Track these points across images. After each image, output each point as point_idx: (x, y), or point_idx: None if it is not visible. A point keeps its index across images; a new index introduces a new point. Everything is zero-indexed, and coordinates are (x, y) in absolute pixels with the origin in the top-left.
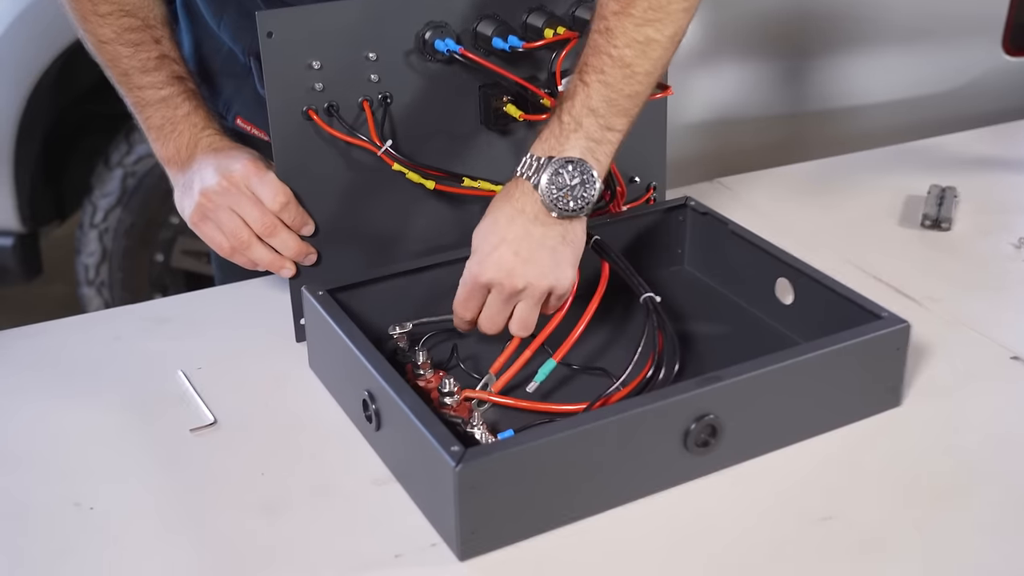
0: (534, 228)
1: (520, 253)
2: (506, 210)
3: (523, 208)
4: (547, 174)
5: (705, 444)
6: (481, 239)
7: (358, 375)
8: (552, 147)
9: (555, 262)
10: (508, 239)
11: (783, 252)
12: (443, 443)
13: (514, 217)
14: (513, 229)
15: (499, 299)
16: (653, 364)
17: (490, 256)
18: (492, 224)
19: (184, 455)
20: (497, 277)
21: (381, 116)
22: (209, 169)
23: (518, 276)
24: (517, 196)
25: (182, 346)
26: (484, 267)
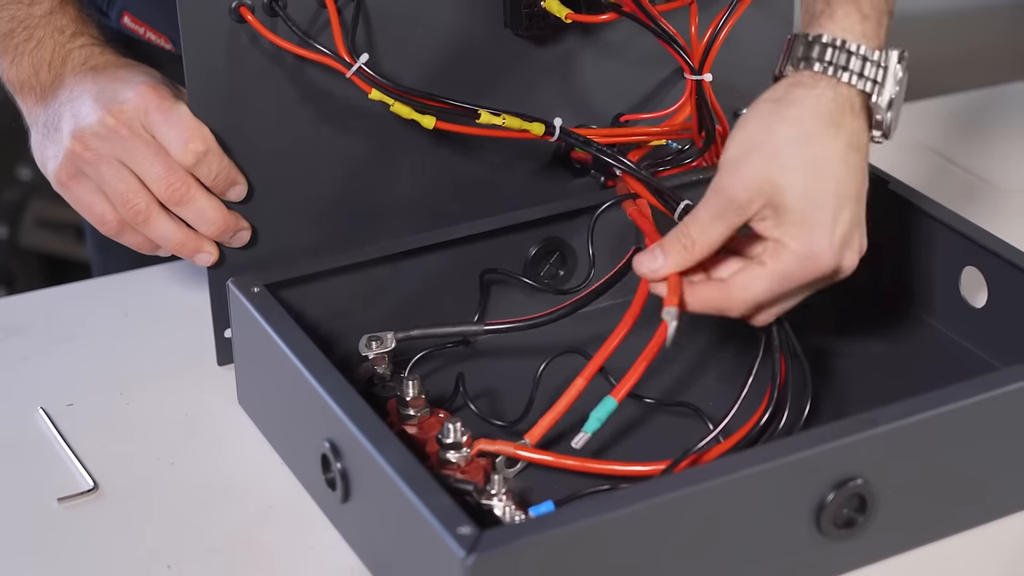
0: (864, 168)
1: (862, 216)
2: (837, 147)
3: (856, 140)
4: (890, 80)
5: (850, 524)
6: (804, 202)
7: (315, 417)
8: (877, 28)
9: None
10: (853, 199)
11: (975, 227)
12: (446, 522)
13: (849, 158)
14: (857, 181)
15: (819, 288)
16: (770, 402)
17: (834, 232)
18: (818, 173)
19: (48, 537)
20: (844, 262)
21: (352, 16)
22: (86, 99)
23: (860, 249)
24: (847, 119)
25: (41, 371)
26: (831, 251)
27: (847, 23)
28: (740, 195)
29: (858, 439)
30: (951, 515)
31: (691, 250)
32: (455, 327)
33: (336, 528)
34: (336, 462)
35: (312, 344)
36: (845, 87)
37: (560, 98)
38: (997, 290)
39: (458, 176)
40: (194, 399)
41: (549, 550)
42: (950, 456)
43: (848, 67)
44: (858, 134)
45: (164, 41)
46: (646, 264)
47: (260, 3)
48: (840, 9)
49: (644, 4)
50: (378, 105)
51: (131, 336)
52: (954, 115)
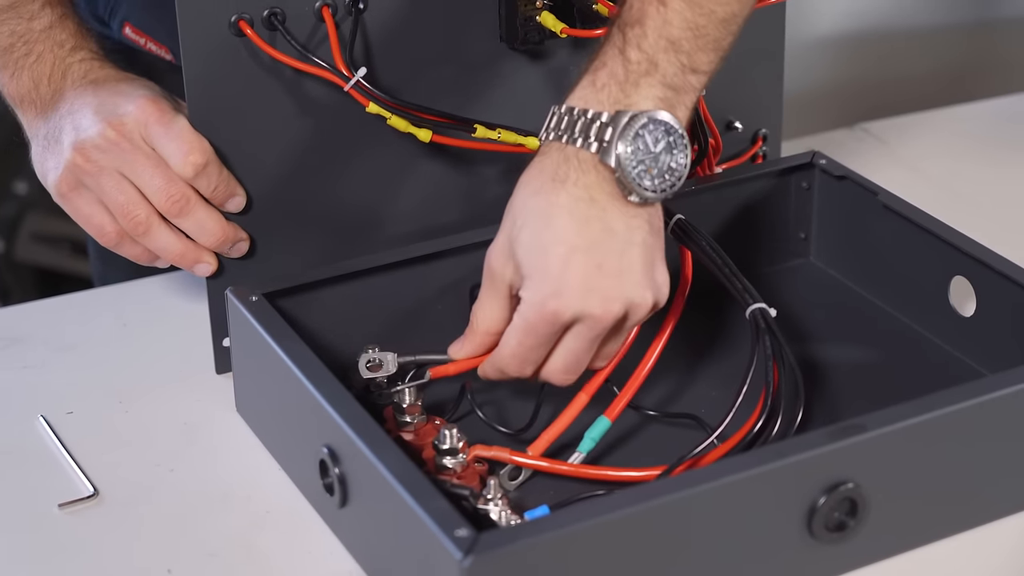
0: (613, 221)
1: (606, 264)
2: (561, 199)
3: (588, 193)
4: (618, 139)
5: (841, 527)
6: (533, 254)
7: (313, 423)
8: (615, 96)
9: (650, 263)
10: (581, 245)
11: (963, 237)
12: (444, 525)
13: (578, 210)
14: (584, 229)
15: (588, 338)
16: (764, 408)
17: (563, 277)
18: (549, 227)
19: (48, 543)
20: (586, 307)
21: (350, 31)
22: (86, 112)
23: (615, 297)
24: (572, 175)
25: (42, 380)
26: (563, 298)
27: (581, 93)
28: (493, 262)
29: (849, 444)
30: (941, 519)
31: (472, 330)
32: None
33: (334, 533)
34: (334, 467)
35: (310, 352)
36: (572, 148)
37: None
38: (985, 299)
39: (454, 188)
40: (192, 407)
41: (545, 552)
42: (939, 461)
43: (574, 131)
44: (589, 188)
45: (165, 52)
46: (452, 351)
47: (259, 17)
48: (579, 83)
49: None
50: (375, 118)
51: (130, 345)
52: (944, 129)
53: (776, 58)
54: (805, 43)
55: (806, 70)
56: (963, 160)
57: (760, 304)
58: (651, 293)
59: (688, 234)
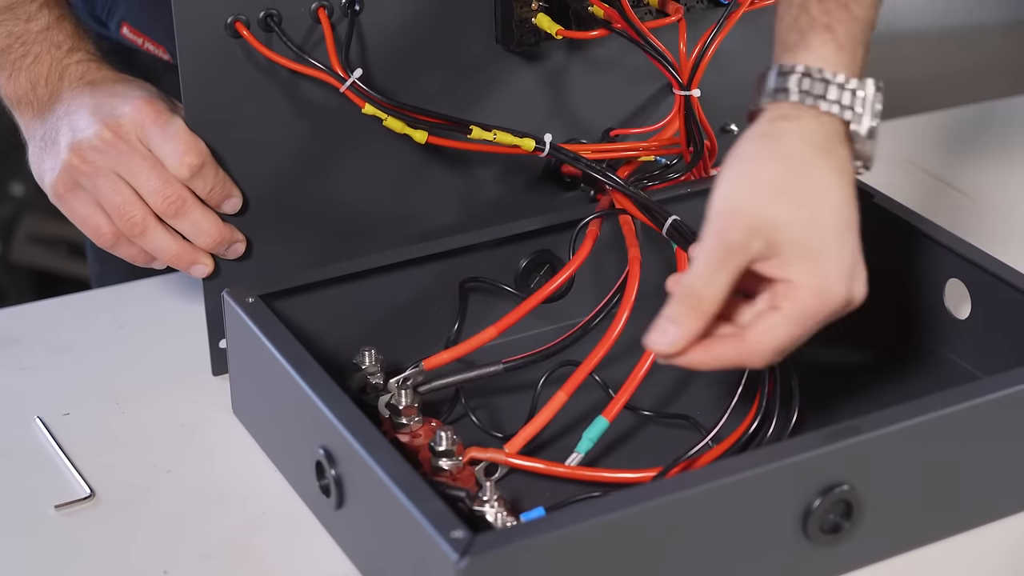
0: (853, 194)
1: (860, 245)
2: (835, 177)
3: (844, 166)
4: (867, 108)
5: (836, 529)
6: (809, 233)
7: (309, 425)
8: (854, 58)
9: None
10: (854, 227)
11: (959, 240)
12: (440, 526)
13: (841, 183)
14: (853, 210)
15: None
16: (758, 410)
17: (843, 260)
18: (828, 206)
19: (45, 544)
20: (854, 292)
21: (346, 32)
22: (83, 113)
23: (865, 278)
24: (834, 146)
25: (38, 381)
26: (843, 282)
27: (823, 52)
28: (739, 237)
29: (844, 446)
30: (935, 521)
31: (701, 308)
32: (475, 371)
33: (330, 534)
34: (330, 469)
35: (306, 353)
36: (827, 117)
37: (550, 113)
38: (980, 302)
39: (450, 190)
40: (189, 408)
41: (541, 554)
42: (934, 463)
43: (826, 96)
44: (845, 160)
45: (162, 52)
46: (661, 341)
47: (255, 18)
48: (816, 39)
49: (634, 21)
50: (371, 120)
51: (127, 347)
52: (938, 131)
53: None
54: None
55: None
56: (959, 163)
57: None
58: None
59: (684, 236)
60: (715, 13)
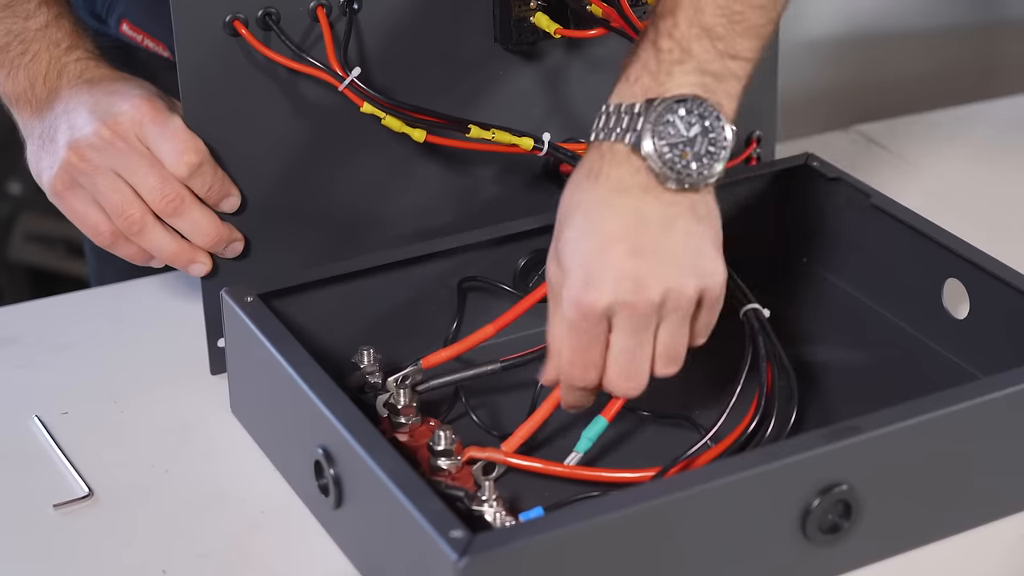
0: (648, 208)
1: (641, 250)
2: (597, 194)
3: (621, 184)
4: (648, 126)
5: (835, 529)
6: (572, 251)
7: (308, 424)
8: (647, 86)
9: (694, 250)
10: (615, 235)
11: (957, 240)
12: (439, 526)
13: (611, 200)
14: (617, 218)
15: (631, 330)
16: (757, 410)
17: (596, 268)
18: (583, 221)
19: (43, 543)
20: (620, 295)
21: (344, 31)
22: (82, 111)
23: (651, 283)
24: (605, 170)
25: (36, 380)
26: (595, 287)
27: (616, 91)
28: (549, 275)
29: (843, 446)
30: (934, 521)
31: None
32: (473, 370)
33: (329, 534)
34: (329, 468)
35: (305, 352)
36: (606, 143)
37: (549, 112)
38: (978, 302)
39: (448, 189)
40: (188, 407)
41: (540, 554)
42: (933, 463)
43: (608, 126)
44: (621, 180)
45: (162, 49)
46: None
47: (254, 17)
48: (616, 84)
49: (632, 19)
50: (370, 118)
51: (125, 345)
52: (936, 131)
53: (770, 60)
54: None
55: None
56: (957, 162)
57: (754, 305)
58: (693, 280)
59: None
60: None
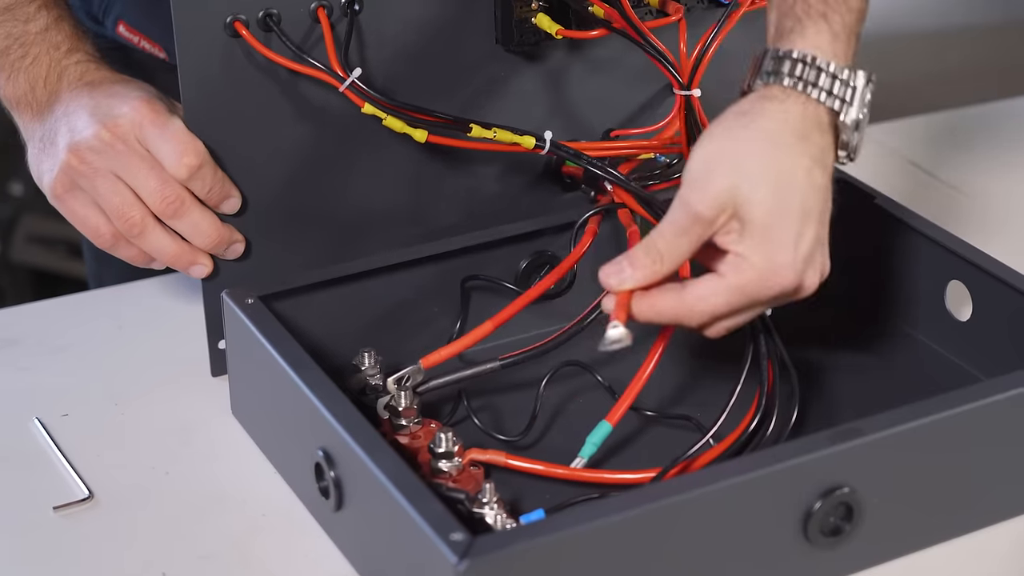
0: (828, 186)
1: (824, 235)
2: (804, 161)
3: (823, 155)
4: (863, 100)
5: (837, 532)
6: (771, 216)
7: (308, 426)
8: (848, 48)
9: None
10: (815, 215)
11: (960, 242)
12: (439, 529)
13: (814, 173)
14: (820, 199)
15: (777, 304)
16: (758, 411)
17: (798, 248)
18: (787, 188)
19: (43, 546)
20: (807, 281)
21: (345, 32)
22: (82, 114)
23: (822, 269)
24: (815, 134)
25: (37, 382)
26: (794, 269)
27: (818, 40)
28: (706, 211)
29: (845, 448)
30: (937, 524)
31: (659, 264)
32: (473, 369)
33: (329, 536)
34: (329, 471)
35: (306, 354)
36: (814, 104)
37: (550, 113)
38: (981, 304)
39: (450, 189)
40: (188, 409)
41: (540, 557)
42: (935, 466)
43: (818, 84)
44: (824, 152)
45: (158, 50)
46: (612, 276)
47: (255, 18)
48: (811, 27)
49: (634, 20)
50: (371, 119)
51: (126, 347)
52: (939, 132)
53: None
54: None
55: None
56: (961, 163)
57: None
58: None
59: None
60: (715, 13)
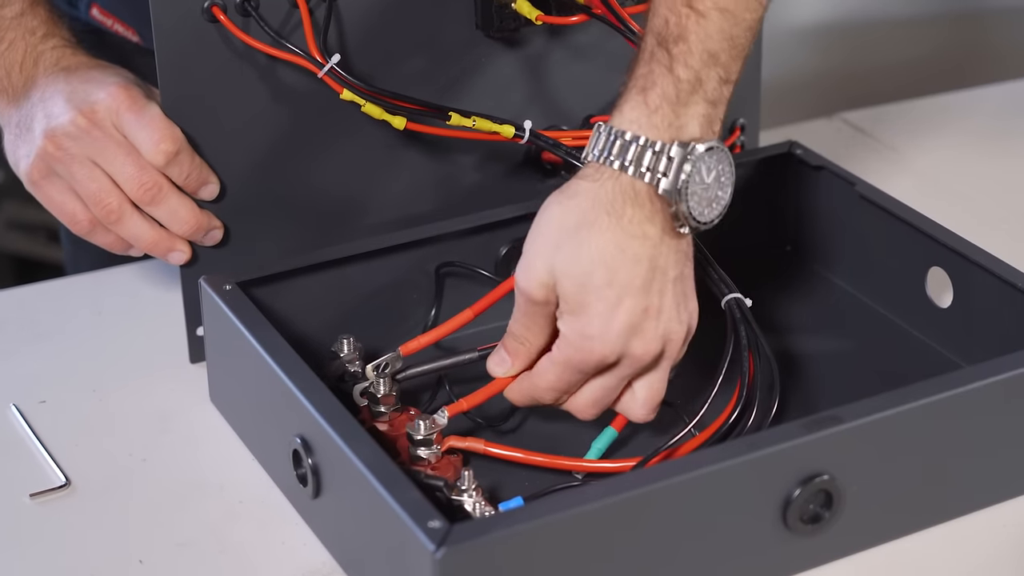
0: (662, 257)
1: (650, 305)
2: (616, 236)
3: (642, 229)
4: (682, 170)
5: (816, 519)
6: (583, 292)
7: (286, 413)
8: (668, 119)
9: (683, 294)
10: (632, 288)
11: (940, 228)
12: (417, 516)
13: (630, 247)
14: (637, 271)
15: (621, 376)
16: (739, 399)
17: (612, 321)
18: (597, 264)
19: (19, 533)
20: (629, 349)
21: (324, 17)
22: (58, 100)
23: (654, 337)
24: (629, 210)
25: (14, 368)
26: (608, 341)
27: (633, 115)
28: (534, 292)
29: (824, 436)
30: (916, 511)
31: (526, 345)
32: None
33: (307, 524)
34: (307, 458)
35: (283, 341)
36: (627, 178)
37: (531, 99)
38: (962, 290)
39: (429, 176)
40: (166, 396)
41: (519, 544)
42: (915, 453)
43: (627, 158)
44: (642, 224)
45: (132, 34)
46: (498, 367)
47: (232, 3)
48: (628, 102)
49: (614, 6)
50: (349, 106)
51: (103, 334)
52: (922, 119)
53: (754, 47)
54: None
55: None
56: (942, 150)
57: (736, 294)
58: (684, 326)
59: None
60: None
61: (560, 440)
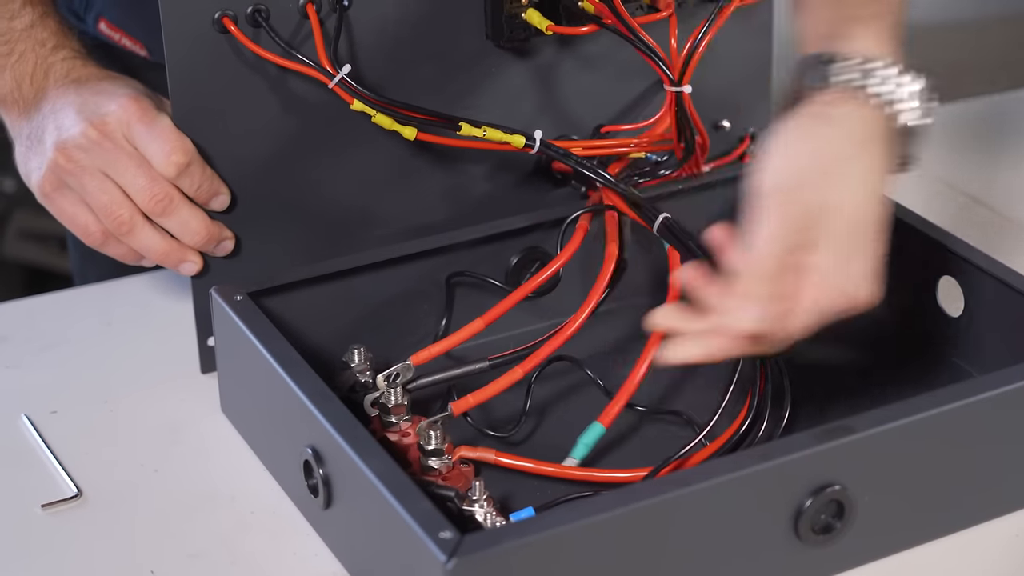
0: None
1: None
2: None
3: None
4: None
5: (827, 530)
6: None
7: (297, 424)
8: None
9: None
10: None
11: (952, 237)
12: (428, 527)
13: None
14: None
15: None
16: (750, 409)
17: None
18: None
19: (31, 544)
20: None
21: (334, 27)
22: (69, 112)
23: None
24: (874, 142)
25: (25, 379)
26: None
27: (866, 43)
28: (800, 218)
29: (836, 446)
30: (928, 521)
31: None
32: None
33: (318, 534)
34: (318, 468)
35: (294, 351)
36: (870, 108)
37: (541, 109)
38: (973, 299)
39: (439, 186)
40: (177, 407)
41: (530, 555)
42: (927, 463)
43: (872, 86)
44: (883, 159)
45: (139, 48)
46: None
47: (243, 14)
48: (860, 30)
49: (624, 16)
50: (360, 116)
51: (115, 344)
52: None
53: (764, 57)
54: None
55: None
56: (953, 159)
57: None
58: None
59: (675, 234)
60: (706, 9)
61: (571, 450)
